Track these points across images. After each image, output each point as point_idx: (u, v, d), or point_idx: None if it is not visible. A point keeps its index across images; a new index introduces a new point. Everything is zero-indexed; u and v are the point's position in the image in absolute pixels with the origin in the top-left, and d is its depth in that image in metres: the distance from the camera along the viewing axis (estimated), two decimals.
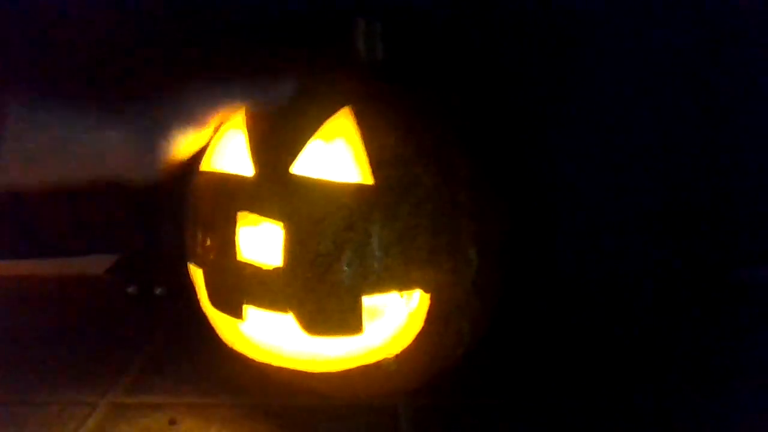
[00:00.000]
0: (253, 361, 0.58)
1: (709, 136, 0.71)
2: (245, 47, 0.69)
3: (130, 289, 0.84)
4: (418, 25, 0.67)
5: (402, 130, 0.53)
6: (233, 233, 0.53)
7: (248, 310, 0.54)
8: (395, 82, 0.58)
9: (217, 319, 0.59)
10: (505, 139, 0.62)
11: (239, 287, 0.54)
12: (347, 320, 0.52)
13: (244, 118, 0.57)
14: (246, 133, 0.56)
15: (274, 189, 0.52)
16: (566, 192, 0.74)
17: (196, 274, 0.59)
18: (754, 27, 0.67)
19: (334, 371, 0.55)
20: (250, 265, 0.53)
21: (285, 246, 0.51)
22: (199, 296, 0.60)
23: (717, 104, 0.70)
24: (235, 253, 0.53)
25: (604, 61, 0.69)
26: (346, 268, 0.51)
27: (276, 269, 0.52)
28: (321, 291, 0.51)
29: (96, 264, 0.88)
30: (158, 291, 0.83)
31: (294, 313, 0.52)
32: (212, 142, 0.60)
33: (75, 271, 0.90)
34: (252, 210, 0.53)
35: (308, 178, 0.52)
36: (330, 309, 0.52)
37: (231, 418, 0.58)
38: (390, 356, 0.54)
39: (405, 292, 0.53)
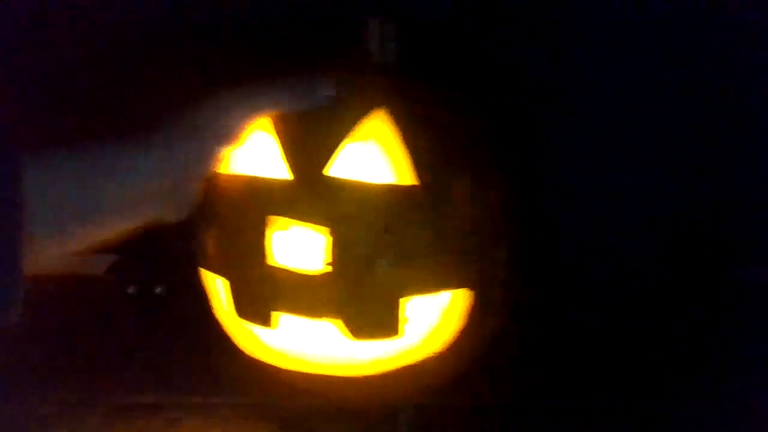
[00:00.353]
0: (278, 368, 0.57)
1: (709, 135, 0.71)
2: (260, 51, 0.69)
3: (130, 290, 0.83)
4: (427, 25, 0.68)
5: (437, 131, 0.54)
6: (265, 238, 0.51)
7: (280, 317, 0.53)
8: (416, 83, 0.58)
9: (234, 326, 0.58)
10: (510, 140, 0.62)
11: (271, 294, 0.52)
12: (391, 322, 0.52)
13: (271, 120, 0.54)
14: (276, 135, 0.54)
15: (316, 193, 0.51)
16: (567, 192, 0.74)
17: (212, 281, 0.58)
18: (755, 26, 0.67)
19: (374, 374, 0.55)
20: (285, 270, 0.51)
21: (330, 250, 0.50)
22: (212, 303, 0.59)
23: (717, 104, 0.70)
24: (266, 259, 0.51)
25: (605, 63, 0.69)
26: (391, 269, 0.50)
27: (320, 274, 0.51)
28: (366, 294, 0.51)
29: (96, 264, 0.88)
30: (158, 291, 0.83)
31: (340, 318, 0.51)
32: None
33: (75, 271, 0.90)
34: (289, 215, 0.51)
35: (351, 181, 0.51)
36: (375, 312, 0.52)
37: (231, 418, 0.58)
38: (432, 355, 0.55)
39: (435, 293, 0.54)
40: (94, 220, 0.48)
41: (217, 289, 0.58)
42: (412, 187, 0.51)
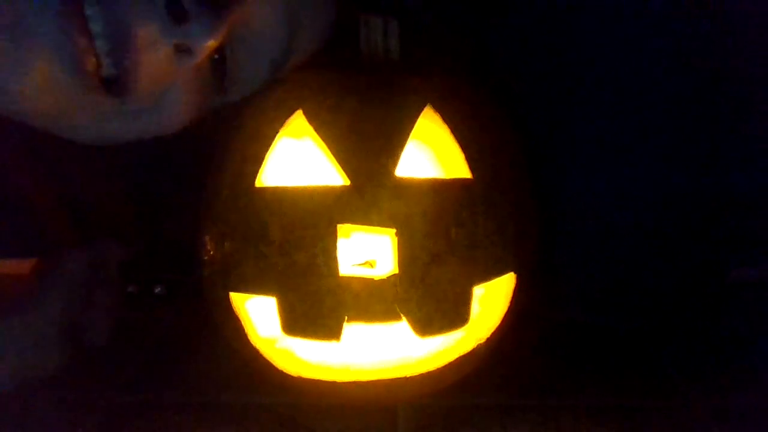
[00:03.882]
0: (337, 383, 0.55)
1: (710, 135, 0.71)
2: None
3: (130, 289, 0.83)
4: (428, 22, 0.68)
5: (479, 125, 0.55)
6: (333, 249, 0.50)
7: (346, 328, 0.51)
8: (451, 80, 0.59)
9: (271, 349, 0.56)
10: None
11: (341, 305, 0.50)
12: (463, 311, 0.53)
13: (308, 125, 0.52)
14: (319, 140, 0.52)
15: (381, 196, 0.50)
16: (565, 191, 0.74)
17: (241, 305, 0.55)
18: (757, 27, 0.67)
19: (434, 369, 0.55)
20: (357, 278, 0.50)
21: (399, 252, 0.50)
22: (246, 330, 0.55)
23: (718, 103, 0.70)
24: (336, 270, 0.50)
25: (607, 62, 0.69)
26: (459, 262, 0.51)
27: (390, 277, 0.50)
28: (438, 290, 0.51)
29: None
30: (158, 291, 0.83)
31: (408, 318, 0.51)
32: (263, 155, 0.53)
33: None
34: (355, 221, 0.50)
35: (415, 179, 0.51)
36: (446, 306, 0.52)
37: (231, 418, 0.58)
38: (482, 340, 0.56)
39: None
40: None
41: (248, 312, 0.56)
42: (470, 180, 0.53)
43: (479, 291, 0.55)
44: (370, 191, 0.50)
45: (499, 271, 0.55)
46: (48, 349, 0.57)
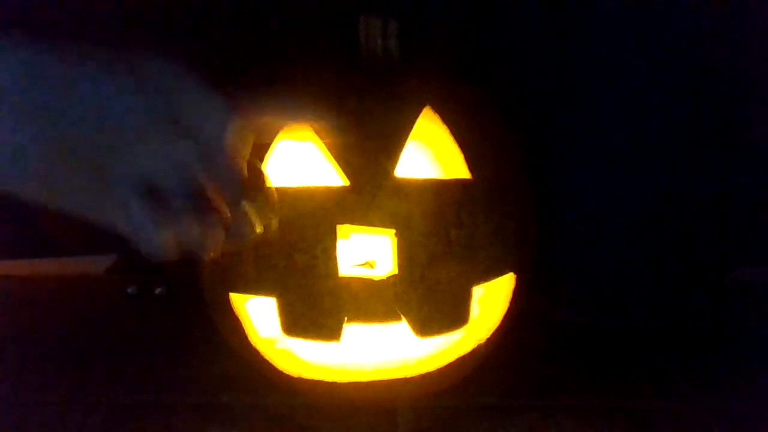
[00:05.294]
0: (337, 383, 0.55)
1: (709, 134, 0.71)
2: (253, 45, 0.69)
3: (130, 290, 0.83)
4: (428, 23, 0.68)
5: (478, 125, 0.55)
6: (333, 249, 0.50)
7: (345, 329, 0.51)
8: (450, 80, 0.59)
9: (271, 349, 0.56)
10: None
11: (341, 305, 0.51)
12: (460, 313, 0.53)
13: (311, 126, 0.52)
14: (319, 141, 0.51)
15: (380, 196, 0.50)
16: (565, 191, 0.74)
17: (241, 305, 0.55)
18: (757, 28, 0.67)
19: (434, 369, 0.55)
20: (357, 279, 0.51)
21: (398, 252, 0.50)
22: (246, 331, 0.56)
23: (717, 104, 0.70)
24: (335, 270, 0.50)
25: (607, 64, 0.69)
26: (459, 262, 0.51)
27: (390, 278, 0.50)
28: (438, 290, 0.51)
29: (96, 264, 0.88)
30: (158, 291, 0.83)
31: (408, 319, 0.51)
32: (262, 156, 0.52)
33: (75, 271, 0.89)
34: (354, 221, 0.50)
35: (415, 180, 0.51)
36: (446, 306, 0.52)
37: (231, 418, 0.58)
38: (482, 341, 0.57)
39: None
40: None
41: (248, 312, 0.56)
42: (469, 180, 0.53)
43: (479, 291, 0.55)
44: (370, 192, 0.50)
45: (499, 272, 0.55)
46: None
